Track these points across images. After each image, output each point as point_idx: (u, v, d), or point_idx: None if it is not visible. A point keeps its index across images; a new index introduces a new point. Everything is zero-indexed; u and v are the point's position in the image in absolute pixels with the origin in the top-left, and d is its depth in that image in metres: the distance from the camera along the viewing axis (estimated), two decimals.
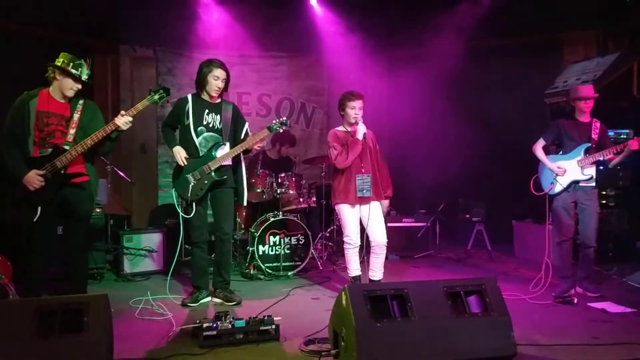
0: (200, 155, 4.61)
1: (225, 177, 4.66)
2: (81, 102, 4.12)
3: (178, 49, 8.02)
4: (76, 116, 4.05)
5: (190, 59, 8.04)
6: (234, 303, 4.67)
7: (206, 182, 4.59)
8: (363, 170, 4.74)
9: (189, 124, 4.61)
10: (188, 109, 4.61)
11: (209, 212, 4.85)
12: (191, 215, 4.59)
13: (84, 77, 4.03)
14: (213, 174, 4.58)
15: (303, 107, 8.69)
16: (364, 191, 4.73)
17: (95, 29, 7.38)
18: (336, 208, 4.94)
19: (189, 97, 4.70)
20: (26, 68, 5.57)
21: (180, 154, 4.58)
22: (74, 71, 3.97)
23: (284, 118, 4.72)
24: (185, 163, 4.57)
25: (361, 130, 4.73)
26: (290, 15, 7.91)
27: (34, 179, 3.88)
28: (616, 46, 6.95)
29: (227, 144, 4.69)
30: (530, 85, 7.15)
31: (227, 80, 4.67)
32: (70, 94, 4.04)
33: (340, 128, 4.96)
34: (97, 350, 2.80)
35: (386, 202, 4.98)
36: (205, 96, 4.68)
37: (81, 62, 4.03)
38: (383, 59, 8.52)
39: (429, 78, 7.66)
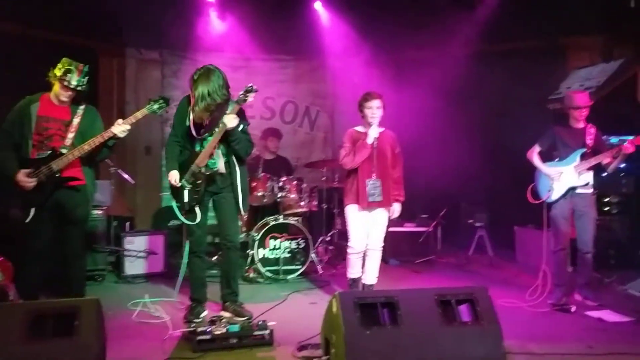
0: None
1: (225, 182, 4.39)
2: (82, 107, 4.14)
3: (183, 52, 8.09)
4: (76, 120, 4.07)
5: (195, 61, 8.07)
6: (245, 318, 4.27)
7: (199, 181, 4.27)
8: (374, 175, 4.69)
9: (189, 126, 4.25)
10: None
11: (210, 213, 4.60)
12: (197, 221, 4.35)
13: (73, 84, 3.96)
14: (203, 169, 4.27)
15: (307, 111, 8.71)
16: (375, 195, 4.67)
17: (102, 31, 7.46)
18: (345, 209, 4.88)
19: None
20: (31, 71, 5.62)
21: (173, 177, 4.26)
22: (63, 77, 3.93)
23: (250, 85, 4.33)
24: (179, 184, 4.27)
25: (372, 134, 4.67)
26: (295, 19, 7.90)
27: (23, 179, 3.90)
28: (621, 52, 6.89)
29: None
30: (534, 90, 7.10)
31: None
32: (63, 99, 4.03)
33: (359, 128, 4.86)
34: (87, 354, 2.82)
35: (398, 206, 4.92)
36: None
37: (71, 69, 3.95)
38: (388, 63, 8.50)
39: (433, 82, 7.61)
